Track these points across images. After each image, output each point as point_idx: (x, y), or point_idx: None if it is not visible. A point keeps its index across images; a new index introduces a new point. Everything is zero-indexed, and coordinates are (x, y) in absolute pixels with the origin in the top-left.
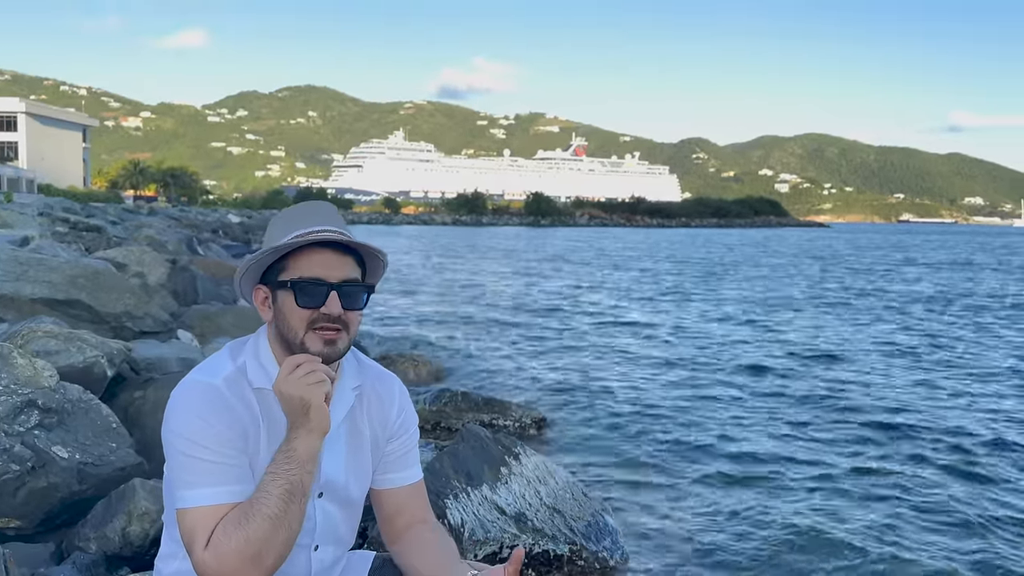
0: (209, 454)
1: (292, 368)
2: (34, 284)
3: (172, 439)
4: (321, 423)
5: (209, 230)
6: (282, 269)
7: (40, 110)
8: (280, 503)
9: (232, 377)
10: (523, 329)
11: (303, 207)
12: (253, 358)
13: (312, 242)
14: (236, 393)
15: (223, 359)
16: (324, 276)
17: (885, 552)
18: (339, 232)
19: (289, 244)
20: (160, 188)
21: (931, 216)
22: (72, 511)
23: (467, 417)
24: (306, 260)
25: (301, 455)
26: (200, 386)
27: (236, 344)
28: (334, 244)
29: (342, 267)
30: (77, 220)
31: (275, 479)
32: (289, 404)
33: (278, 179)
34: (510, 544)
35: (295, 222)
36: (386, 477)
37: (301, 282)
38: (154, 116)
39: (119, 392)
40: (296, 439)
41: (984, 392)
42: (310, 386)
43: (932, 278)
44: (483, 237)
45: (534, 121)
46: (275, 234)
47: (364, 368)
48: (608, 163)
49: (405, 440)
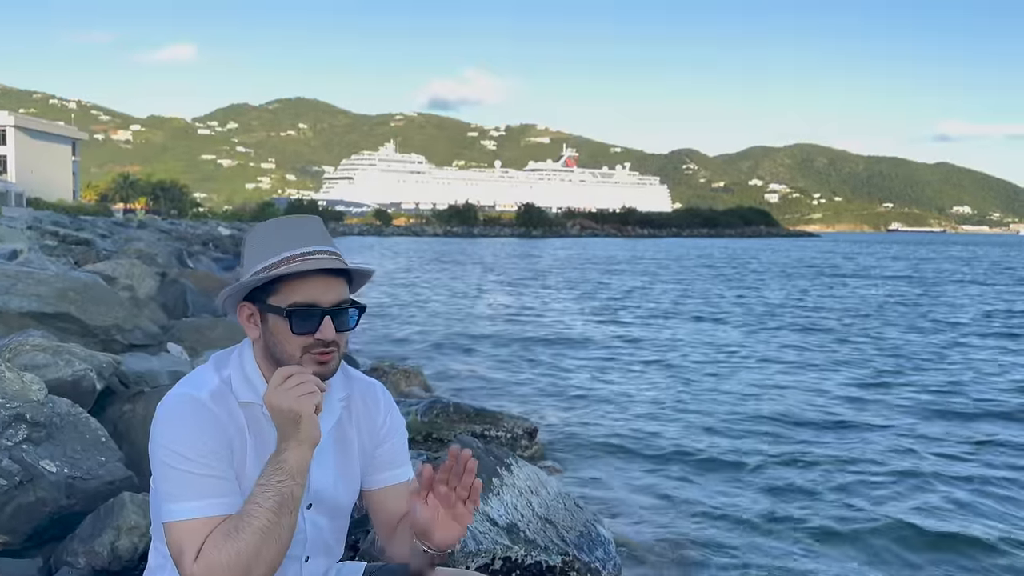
0: (196, 467)
1: (282, 379)
2: (22, 297)
3: (159, 452)
4: (311, 434)
5: (199, 243)
6: (272, 291)
7: (29, 123)
8: (271, 515)
9: (218, 390)
10: (515, 340)
11: (287, 223)
12: (239, 371)
13: (305, 270)
14: (222, 406)
15: (208, 372)
16: (317, 301)
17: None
18: (332, 256)
19: (284, 271)
20: (150, 201)
21: (920, 225)
22: (60, 526)
23: (459, 428)
24: (299, 285)
25: (291, 467)
26: (186, 399)
27: (220, 356)
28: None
29: (334, 290)
30: (66, 233)
31: (265, 491)
32: (279, 416)
33: (269, 191)
34: (502, 555)
35: (283, 242)
36: (377, 477)
37: (297, 309)
38: (144, 129)
39: (108, 405)
40: (286, 450)
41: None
42: (300, 398)
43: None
44: (475, 248)
45: (525, 132)
46: (261, 252)
47: (350, 379)
48: (599, 174)
49: (394, 443)
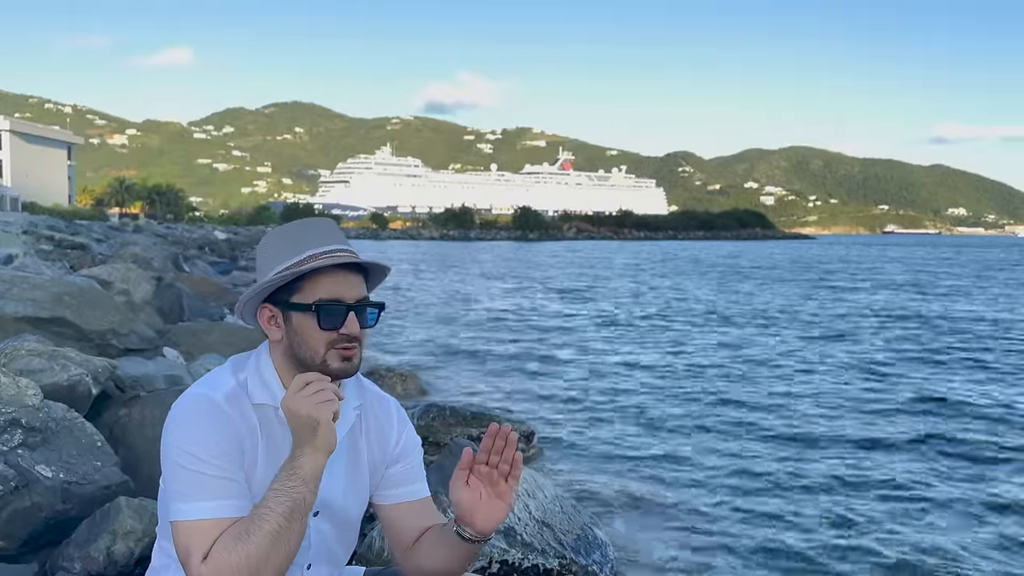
0: (208, 468)
1: (302, 386)
2: (18, 302)
3: (171, 452)
4: (328, 441)
5: (195, 247)
6: (295, 290)
7: (24, 128)
8: (282, 520)
9: (233, 393)
10: (511, 343)
11: (306, 224)
12: (255, 374)
13: (331, 264)
14: (236, 408)
15: (225, 374)
16: (342, 297)
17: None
18: (353, 254)
19: (311, 267)
20: (146, 205)
21: (915, 227)
22: (56, 531)
23: (455, 432)
24: (323, 282)
25: (306, 473)
26: (201, 400)
27: (238, 359)
28: (348, 264)
29: (356, 287)
30: (62, 238)
31: (278, 496)
32: (297, 421)
33: (265, 195)
34: (499, 559)
35: (304, 242)
36: (391, 492)
37: (324, 304)
38: (140, 133)
39: (104, 410)
40: (302, 456)
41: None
42: (319, 404)
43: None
44: (472, 251)
45: (521, 135)
46: (280, 253)
47: (363, 388)
48: (595, 177)
49: (410, 461)
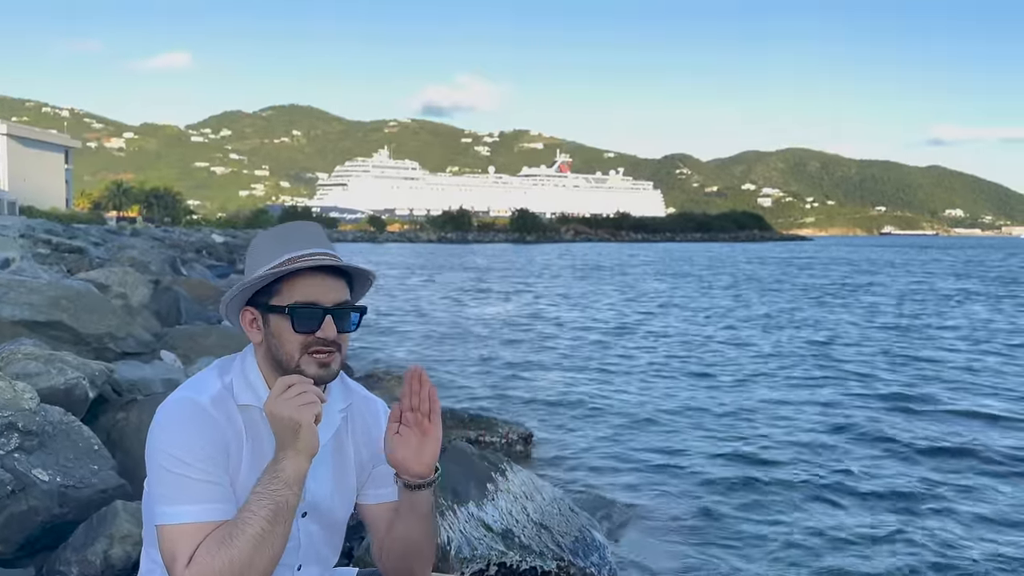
0: (193, 471)
1: (284, 388)
2: (15, 306)
3: (156, 455)
4: (310, 444)
5: (193, 250)
6: (274, 293)
7: (22, 132)
8: (266, 523)
9: (219, 395)
10: (509, 345)
11: (289, 228)
12: (241, 376)
13: (308, 267)
14: (222, 411)
15: (211, 377)
16: (319, 300)
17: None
18: (333, 257)
19: (286, 269)
20: (143, 208)
21: (913, 228)
22: (53, 535)
23: (453, 434)
24: (300, 284)
25: (289, 476)
26: (186, 403)
27: (224, 362)
28: (327, 267)
29: (335, 290)
30: (59, 241)
31: (261, 499)
32: (279, 424)
33: (262, 198)
34: (497, 561)
35: (285, 244)
36: (375, 492)
37: (298, 307)
38: (137, 137)
39: (101, 414)
40: (284, 459)
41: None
42: (301, 407)
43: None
44: (470, 254)
45: (518, 138)
46: (263, 256)
47: (350, 390)
48: (593, 179)
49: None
